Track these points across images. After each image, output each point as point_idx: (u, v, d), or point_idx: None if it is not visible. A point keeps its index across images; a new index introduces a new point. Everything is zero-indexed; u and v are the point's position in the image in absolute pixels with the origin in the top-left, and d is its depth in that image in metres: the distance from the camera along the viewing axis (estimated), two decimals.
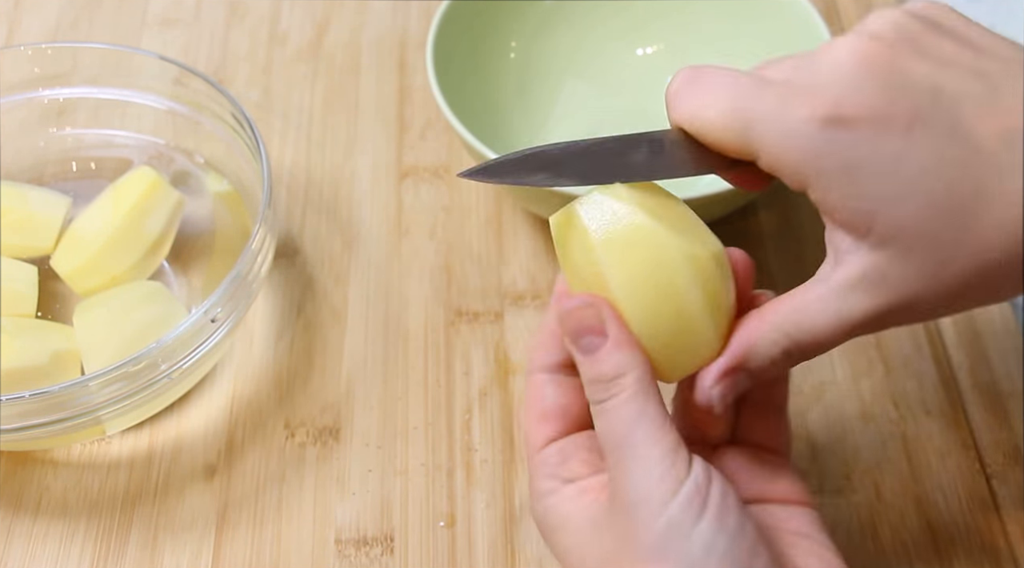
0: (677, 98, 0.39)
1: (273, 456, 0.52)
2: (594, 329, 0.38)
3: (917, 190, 0.34)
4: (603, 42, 0.65)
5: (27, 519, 0.50)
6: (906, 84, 0.35)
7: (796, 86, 0.35)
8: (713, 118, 0.37)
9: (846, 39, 0.36)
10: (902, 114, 0.34)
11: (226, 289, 0.48)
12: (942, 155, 0.34)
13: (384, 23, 0.70)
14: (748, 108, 0.36)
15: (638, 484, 0.36)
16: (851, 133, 0.35)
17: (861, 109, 0.34)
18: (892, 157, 0.34)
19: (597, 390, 0.38)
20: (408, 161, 0.63)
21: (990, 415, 0.54)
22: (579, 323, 0.38)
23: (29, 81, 0.58)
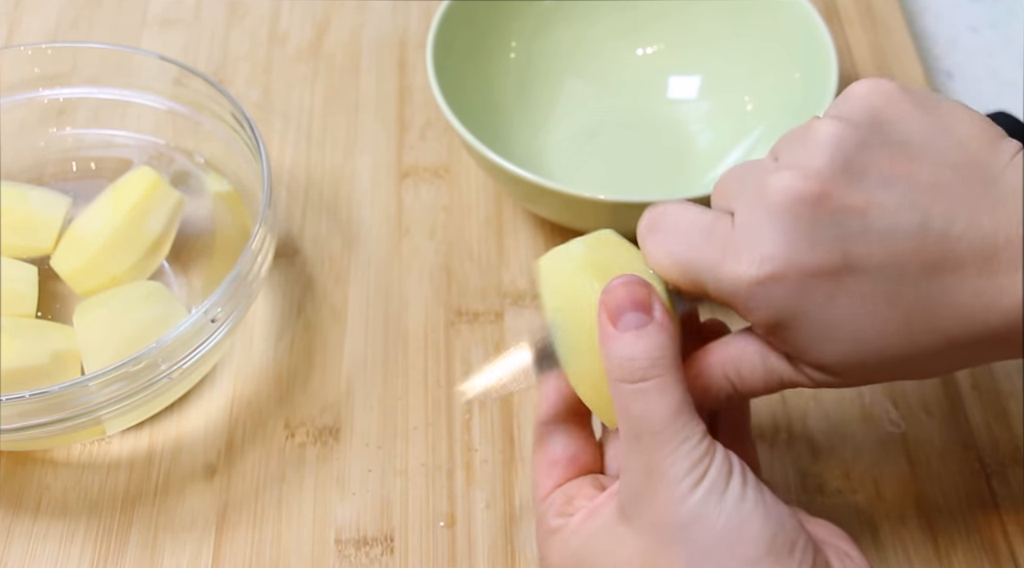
0: (643, 245, 0.41)
1: (273, 456, 0.52)
2: (644, 305, 0.38)
3: (844, 334, 0.37)
4: (603, 42, 0.65)
5: (27, 519, 0.50)
6: (836, 232, 0.36)
7: (736, 239, 0.37)
8: (668, 268, 0.40)
9: (782, 178, 0.37)
10: (831, 264, 0.36)
11: (226, 289, 0.48)
12: (872, 294, 0.36)
13: (384, 23, 0.70)
14: (693, 266, 0.39)
15: (676, 466, 0.36)
16: (780, 286, 0.36)
17: (789, 266, 0.36)
18: (820, 305, 0.37)
19: (636, 369, 0.37)
20: (408, 161, 0.63)
21: (990, 415, 0.54)
22: (629, 297, 0.38)
23: (29, 81, 0.58)
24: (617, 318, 0.38)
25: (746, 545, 0.35)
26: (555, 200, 0.54)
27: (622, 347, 0.38)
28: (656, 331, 0.38)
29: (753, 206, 0.37)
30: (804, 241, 0.36)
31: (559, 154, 0.63)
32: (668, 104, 0.64)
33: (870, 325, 0.37)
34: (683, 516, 0.36)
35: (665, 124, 0.64)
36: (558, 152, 0.63)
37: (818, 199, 0.36)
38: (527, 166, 0.53)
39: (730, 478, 0.36)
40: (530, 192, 0.54)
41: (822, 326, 0.37)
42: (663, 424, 0.37)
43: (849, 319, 0.37)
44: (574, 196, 0.52)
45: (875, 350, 0.37)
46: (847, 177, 0.36)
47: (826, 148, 0.37)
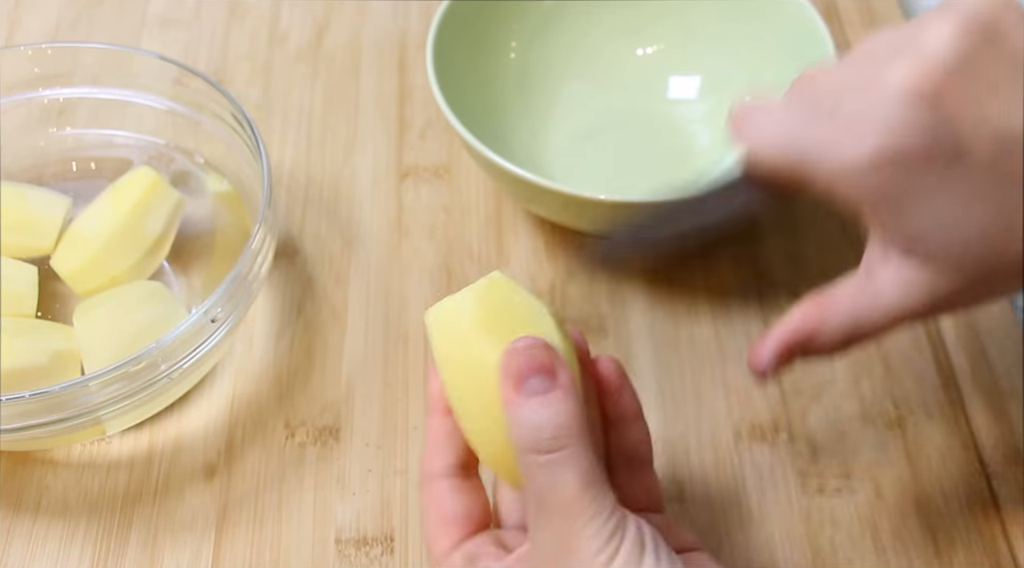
0: (737, 133, 0.40)
1: (273, 456, 0.52)
2: (547, 370, 0.36)
3: (951, 223, 0.37)
4: (603, 42, 0.65)
5: (27, 519, 0.50)
6: (952, 119, 0.36)
7: (846, 121, 0.37)
8: (770, 153, 0.39)
9: (903, 63, 0.36)
10: (945, 151, 0.36)
11: (226, 289, 0.48)
12: (977, 191, 0.37)
13: (384, 23, 0.70)
14: (800, 146, 0.38)
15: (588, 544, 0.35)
16: (895, 170, 0.36)
17: (906, 148, 0.36)
18: (932, 191, 0.37)
19: (540, 440, 0.36)
20: (408, 161, 0.63)
21: (990, 415, 0.54)
22: (531, 361, 0.36)
23: (29, 81, 0.58)
24: (520, 384, 0.36)
25: None
26: (555, 200, 0.54)
27: (527, 415, 0.36)
28: (562, 397, 0.36)
29: (866, 94, 0.37)
30: (922, 127, 0.36)
31: (559, 154, 0.63)
32: (668, 104, 0.64)
33: (977, 219, 0.37)
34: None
35: (665, 124, 0.64)
36: (558, 152, 0.63)
37: (938, 89, 0.36)
38: (527, 166, 0.53)
39: (643, 554, 0.35)
40: (530, 192, 0.54)
41: (933, 214, 0.37)
42: (572, 498, 0.35)
43: (959, 210, 0.37)
44: (574, 196, 0.52)
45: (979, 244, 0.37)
46: (964, 74, 0.36)
47: (946, 45, 0.36)
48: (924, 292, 0.39)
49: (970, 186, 0.36)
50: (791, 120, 0.38)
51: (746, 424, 0.53)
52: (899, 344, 0.56)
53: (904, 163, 0.36)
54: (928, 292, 0.39)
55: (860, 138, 0.36)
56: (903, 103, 0.36)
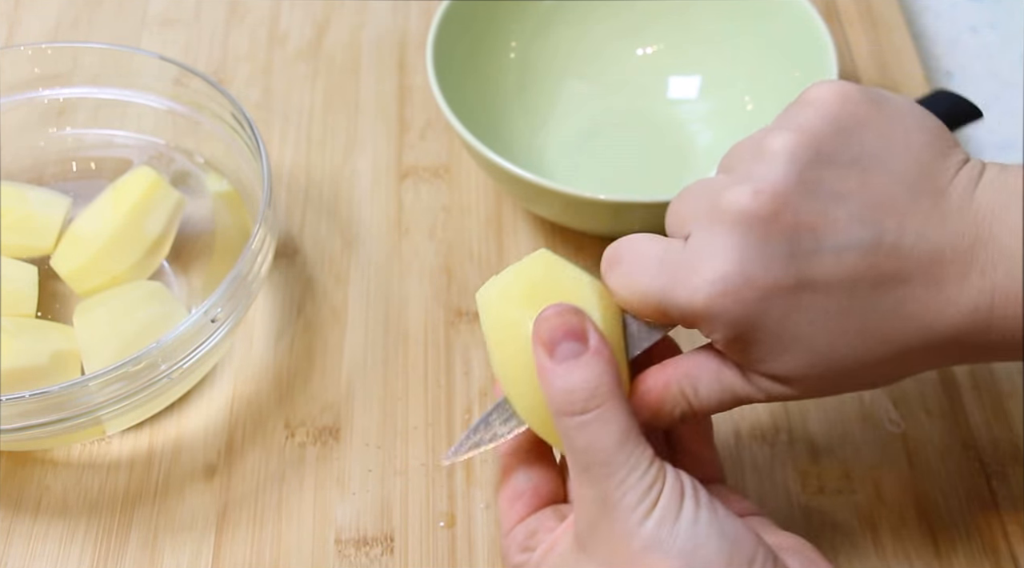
0: (605, 281, 0.41)
1: (273, 456, 0.52)
2: (577, 334, 0.37)
3: (799, 346, 0.37)
4: (603, 42, 0.65)
5: (27, 519, 0.50)
6: (789, 249, 0.36)
7: (689, 260, 0.38)
8: (628, 298, 0.40)
9: (735, 194, 0.37)
10: (785, 281, 0.36)
11: (226, 289, 0.48)
12: (827, 309, 0.37)
13: (384, 23, 0.70)
14: (652, 290, 0.38)
15: (627, 496, 0.36)
16: (734, 304, 0.37)
17: (743, 284, 0.36)
18: (776, 319, 0.37)
19: (574, 401, 0.37)
20: (408, 161, 0.63)
21: (990, 415, 0.54)
22: (561, 326, 0.38)
23: (29, 81, 0.58)
24: (552, 349, 0.37)
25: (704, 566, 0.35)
26: (555, 200, 0.54)
27: (559, 379, 0.37)
28: (593, 360, 0.37)
29: (707, 225, 0.37)
30: (757, 258, 0.36)
31: (559, 154, 0.63)
32: (668, 104, 0.64)
33: (825, 337, 0.37)
34: (637, 546, 0.36)
35: (665, 124, 0.64)
36: (558, 152, 0.63)
37: (772, 216, 0.36)
38: (527, 166, 0.53)
39: (682, 502, 0.36)
40: (530, 192, 0.54)
41: (778, 339, 0.37)
42: (609, 454, 0.36)
43: (804, 332, 0.37)
44: (574, 196, 0.52)
45: (830, 361, 0.38)
46: (800, 193, 0.37)
47: (780, 163, 0.37)
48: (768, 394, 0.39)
49: (817, 309, 0.37)
50: (645, 261, 0.39)
51: (746, 424, 0.53)
52: None
53: (740, 300, 0.36)
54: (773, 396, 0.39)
55: (694, 280, 0.37)
56: (736, 234, 0.36)
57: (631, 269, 0.39)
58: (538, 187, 0.52)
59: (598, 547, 0.37)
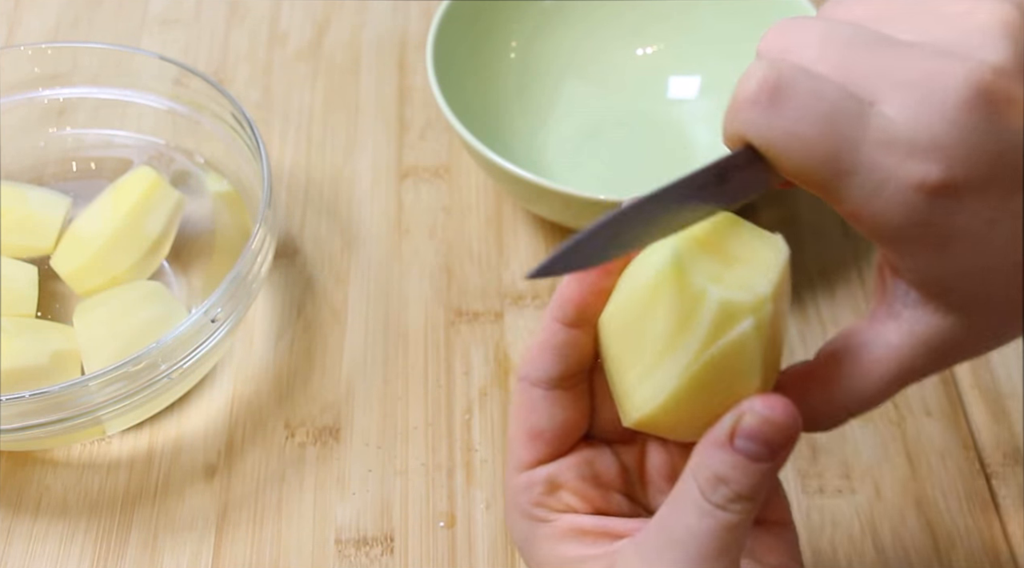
0: (754, 111, 0.31)
1: (273, 456, 0.52)
2: (776, 448, 0.32)
3: (1004, 261, 0.31)
4: (603, 42, 0.65)
5: (27, 519, 0.50)
6: (1017, 139, 0.30)
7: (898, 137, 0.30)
8: (799, 152, 0.31)
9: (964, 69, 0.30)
10: (1005, 178, 0.30)
11: (226, 289, 0.48)
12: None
13: (384, 23, 0.70)
14: (847, 151, 0.30)
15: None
16: (954, 201, 0.30)
17: (971, 175, 0.30)
18: (986, 224, 0.31)
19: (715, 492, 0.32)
20: (408, 161, 0.63)
21: (990, 415, 0.54)
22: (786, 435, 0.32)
23: (29, 81, 0.58)
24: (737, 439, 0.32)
25: None
26: (555, 200, 0.54)
27: (720, 463, 0.32)
28: (764, 475, 0.32)
29: (918, 94, 0.30)
30: (988, 147, 0.30)
31: (559, 154, 0.63)
32: (668, 104, 0.64)
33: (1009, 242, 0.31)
34: None
35: (665, 124, 0.64)
36: (558, 152, 0.63)
37: (1006, 102, 0.30)
38: (527, 166, 0.53)
39: None
40: (530, 192, 0.54)
41: (983, 250, 0.31)
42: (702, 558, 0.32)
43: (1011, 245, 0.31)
44: (574, 196, 0.52)
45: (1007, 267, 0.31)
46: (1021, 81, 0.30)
47: (1004, 38, 0.30)
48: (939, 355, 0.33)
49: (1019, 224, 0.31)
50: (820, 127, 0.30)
51: None
52: None
53: (965, 193, 0.30)
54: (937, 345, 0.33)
55: (922, 163, 0.30)
56: (969, 118, 0.29)
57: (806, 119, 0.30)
58: (538, 187, 0.52)
59: None
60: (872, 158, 0.30)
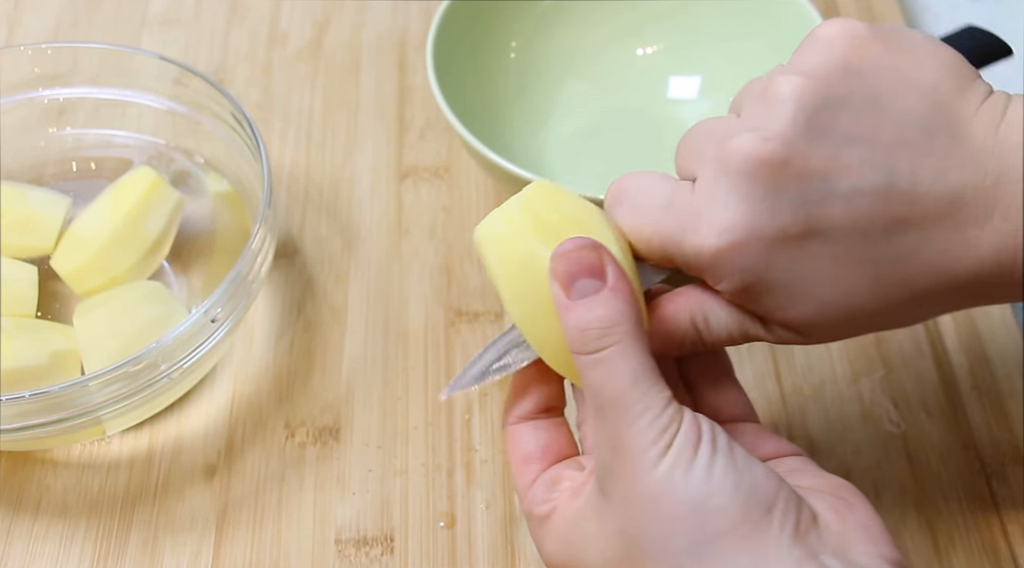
0: (611, 213, 0.40)
1: (273, 456, 0.52)
2: (595, 271, 0.36)
3: (811, 295, 0.37)
4: (603, 42, 0.65)
5: (27, 519, 0.50)
6: (799, 196, 0.36)
7: (696, 208, 0.37)
8: (634, 240, 0.39)
9: (742, 142, 0.36)
10: (794, 230, 0.36)
11: (226, 289, 0.48)
12: (838, 256, 0.36)
13: (384, 23, 0.70)
14: (657, 234, 0.38)
15: (640, 438, 0.35)
16: (743, 255, 0.36)
17: (751, 234, 0.36)
18: (785, 269, 0.36)
19: (589, 338, 0.36)
20: (408, 161, 0.63)
21: (990, 415, 0.54)
22: (578, 263, 0.37)
23: (29, 81, 0.58)
24: (569, 286, 0.36)
25: (717, 516, 0.34)
26: None
27: (576, 317, 0.36)
28: (610, 297, 0.36)
29: (713, 171, 0.36)
30: (765, 208, 0.35)
31: (559, 154, 0.63)
32: (668, 104, 0.64)
33: (838, 286, 0.36)
34: (650, 489, 0.34)
35: (665, 124, 0.64)
36: (558, 152, 0.63)
37: (780, 163, 0.35)
38: (527, 166, 0.53)
39: (698, 446, 0.35)
40: None
41: (789, 289, 0.36)
42: (622, 394, 0.35)
43: (816, 281, 0.36)
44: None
45: (843, 308, 0.37)
46: (809, 138, 0.36)
47: (788, 108, 0.36)
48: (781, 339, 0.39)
49: (827, 257, 0.36)
50: (651, 204, 0.38)
51: None
52: (899, 344, 0.56)
53: (748, 250, 0.36)
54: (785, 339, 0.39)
55: (701, 229, 0.36)
56: (744, 182, 0.36)
57: (637, 209, 0.39)
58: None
59: (614, 491, 0.36)
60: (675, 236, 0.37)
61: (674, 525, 0.34)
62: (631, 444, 0.35)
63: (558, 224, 0.39)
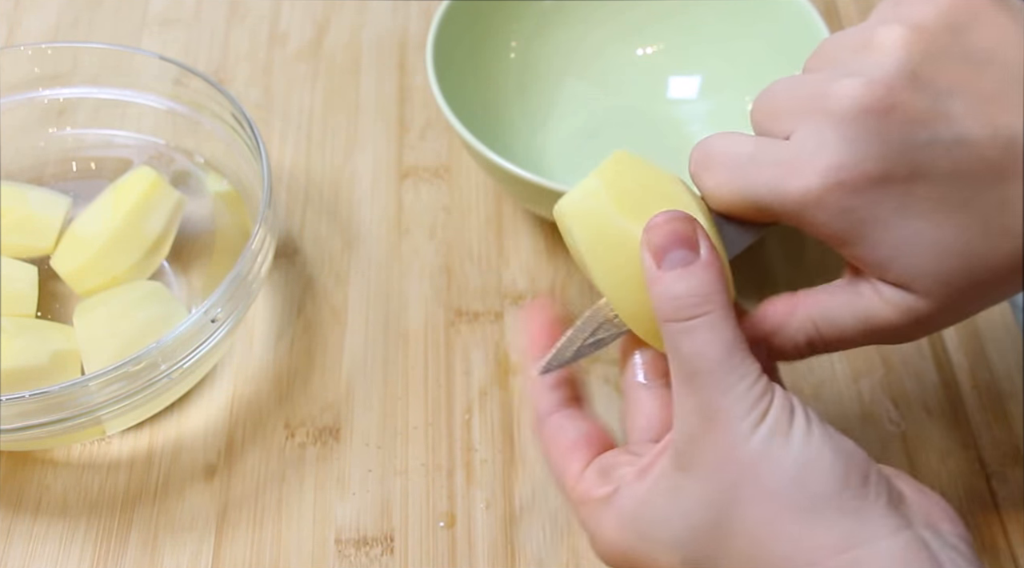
0: (697, 181, 0.40)
1: (273, 456, 0.52)
2: (689, 242, 0.37)
3: (923, 242, 0.36)
4: (603, 42, 0.65)
5: (27, 519, 0.50)
6: (903, 141, 0.36)
7: (795, 150, 0.37)
8: (727, 199, 0.39)
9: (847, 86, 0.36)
10: (900, 170, 0.36)
11: (226, 289, 0.48)
12: (943, 204, 0.36)
13: (384, 23, 0.70)
14: (755, 187, 0.38)
15: (736, 405, 0.35)
16: (847, 198, 0.36)
17: (855, 174, 0.36)
18: (893, 214, 0.36)
19: (684, 307, 0.36)
20: (408, 161, 0.63)
21: (990, 415, 0.54)
22: (672, 235, 0.37)
23: (29, 81, 0.58)
24: (661, 258, 0.37)
25: (819, 481, 0.34)
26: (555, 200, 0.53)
27: (668, 287, 0.36)
28: (703, 268, 0.36)
29: (813, 119, 0.36)
30: (872, 150, 0.35)
31: (559, 154, 0.63)
32: (668, 104, 0.64)
33: (949, 231, 0.36)
34: (748, 456, 0.34)
35: (665, 124, 0.64)
36: (558, 152, 0.63)
37: (885, 108, 0.36)
38: (527, 166, 0.53)
39: (792, 415, 0.35)
40: (530, 192, 0.54)
41: (898, 237, 0.36)
42: (716, 362, 0.35)
43: (926, 227, 0.36)
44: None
45: (954, 259, 0.36)
46: (913, 87, 0.36)
47: (894, 57, 0.36)
48: (904, 312, 0.38)
49: (934, 201, 0.36)
50: (741, 158, 0.38)
51: None
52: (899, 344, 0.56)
53: (856, 189, 0.36)
54: (908, 312, 0.38)
55: (806, 170, 0.36)
56: (849, 125, 0.36)
57: (727, 167, 0.38)
58: (538, 187, 0.52)
59: (701, 463, 0.35)
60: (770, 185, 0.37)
61: (775, 491, 0.34)
62: (727, 411, 0.35)
63: (643, 196, 0.39)
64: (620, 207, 0.39)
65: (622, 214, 0.39)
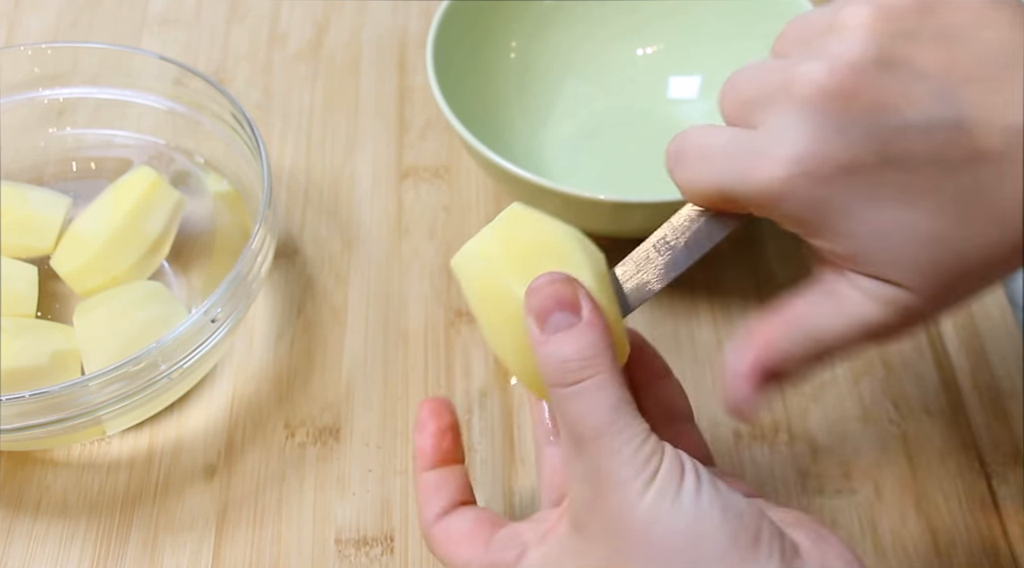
0: (672, 177, 0.39)
1: (273, 456, 0.52)
2: (571, 304, 0.36)
3: (898, 231, 0.35)
4: (603, 42, 0.65)
5: (27, 519, 0.50)
6: (869, 127, 0.34)
7: (762, 143, 0.36)
8: (700, 190, 0.38)
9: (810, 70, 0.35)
10: (866, 159, 0.34)
11: (226, 289, 0.48)
12: (916, 189, 0.35)
13: (384, 23, 0.70)
14: (724, 179, 0.37)
15: (624, 468, 0.35)
16: (814, 184, 0.35)
17: (821, 161, 0.35)
18: (864, 200, 0.35)
19: (568, 371, 0.36)
20: (408, 161, 0.63)
21: (990, 415, 0.54)
22: (552, 298, 0.36)
23: (29, 81, 0.58)
24: (543, 322, 0.36)
25: (709, 543, 0.34)
26: (555, 200, 0.54)
27: (552, 351, 0.36)
28: (586, 330, 0.36)
29: (779, 106, 0.35)
30: (836, 138, 0.34)
31: (559, 154, 0.63)
32: (668, 104, 0.64)
33: (923, 218, 0.35)
34: (638, 520, 0.34)
35: (665, 124, 0.64)
36: (558, 152, 0.63)
37: (850, 92, 0.34)
38: (527, 166, 0.53)
39: (682, 476, 0.34)
40: (530, 192, 0.54)
41: (871, 226, 0.35)
42: (602, 426, 0.35)
43: (899, 215, 0.35)
44: (574, 196, 0.52)
45: (934, 244, 0.35)
46: (879, 69, 0.34)
47: (858, 38, 0.35)
48: (891, 306, 0.36)
49: (906, 188, 0.34)
50: (714, 150, 0.37)
51: (746, 424, 0.53)
52: (899, 344, 0.56)
53: (823, 178, 0.35)
54: (894, 305, 0.36)
55: (771, 160, 0.35)
56: (813, 112, 0.34)
57: (699, 160, 0.38)
58: (538, 187, 0.52)
59: (595, 527, 0.35)
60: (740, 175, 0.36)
61: (665, 555, 0.34)
62: (615, 475, 0.35)
63: (532, 254, 0.38)
64: (508, 267, 0.38)
65: (510, 274, 0.38)
